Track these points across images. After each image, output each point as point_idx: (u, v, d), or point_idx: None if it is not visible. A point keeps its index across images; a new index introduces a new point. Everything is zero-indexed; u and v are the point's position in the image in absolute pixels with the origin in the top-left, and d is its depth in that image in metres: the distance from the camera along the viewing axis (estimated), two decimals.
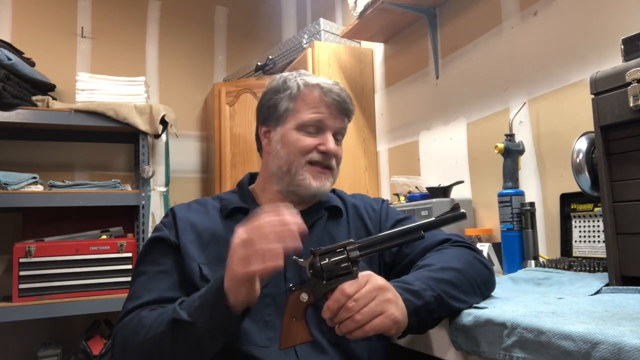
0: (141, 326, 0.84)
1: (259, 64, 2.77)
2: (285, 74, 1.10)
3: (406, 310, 0.77)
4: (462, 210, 0.83)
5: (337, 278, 0.76)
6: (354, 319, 0.73)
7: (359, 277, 0.76)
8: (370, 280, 0.76)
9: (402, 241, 0.81)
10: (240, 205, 1.04)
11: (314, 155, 1.02)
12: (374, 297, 0.74)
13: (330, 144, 1.03)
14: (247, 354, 0.87)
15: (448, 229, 1.10)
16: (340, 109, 1.05)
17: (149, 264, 0.96)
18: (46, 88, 2.60)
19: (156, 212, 2.85)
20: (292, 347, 0.84)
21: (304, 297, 0.77)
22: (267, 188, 1.08)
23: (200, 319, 0.78)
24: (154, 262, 0.96)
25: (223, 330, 0.79)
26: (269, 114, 1.07)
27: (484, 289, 0.90)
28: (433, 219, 0.82)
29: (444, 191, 1.73)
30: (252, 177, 1.15)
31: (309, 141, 1.02)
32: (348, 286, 0.74)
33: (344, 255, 0.77)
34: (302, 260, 0.80)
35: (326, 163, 1.03)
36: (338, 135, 1.07)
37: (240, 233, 0.76)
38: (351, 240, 0.80)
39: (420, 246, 0.99)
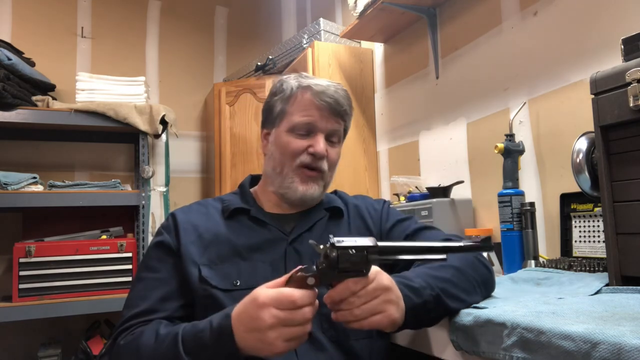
0: (139, 353, 0.83)
1: (259, 64, 2.77)
2: (284, 76, 1.10)
3: (404, 307, 0.76)
4: (492, 244, 0.80)
5: (348, 273, 0.74)
6: (352, 312, 0.73)
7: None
8: (377, 278, 0.74)
9: (423, 257, 0.76)
10: (241, 206, 1.05)
11: (305, 158, 1.02)
12: (377, 295, 0.73)
13: (320, 145, 1.01)
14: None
15: (448, 230, 1.11)
16: (333, 111, 1.03)
17: (147, 271, 0.97)
18: (46, 88, 2.59)
19: (156, 212, 2.85)
20: None
21: (311, 281, 0.75)
22: (265, 190, 1.09)
23: None
24: (151, 269, 0.97)
25: None
26: (267, 116, 1.10)
27: (483, 288, 0.90)
28: (461, 244, 0.77)
29: (444, 191, 1.73)
30: (254, 178, 1.16)
31: (299, 143, 1.02)
32: (354, 283, 0.73)
33: (363, 258, 0.74)
34: (321, 246, 0.76)
35: (315, 165, 1.02)
36: (332, 137, 1.05)
37: (273, 312, 0.71)
38: (373, 244, 0.75)
39: None
